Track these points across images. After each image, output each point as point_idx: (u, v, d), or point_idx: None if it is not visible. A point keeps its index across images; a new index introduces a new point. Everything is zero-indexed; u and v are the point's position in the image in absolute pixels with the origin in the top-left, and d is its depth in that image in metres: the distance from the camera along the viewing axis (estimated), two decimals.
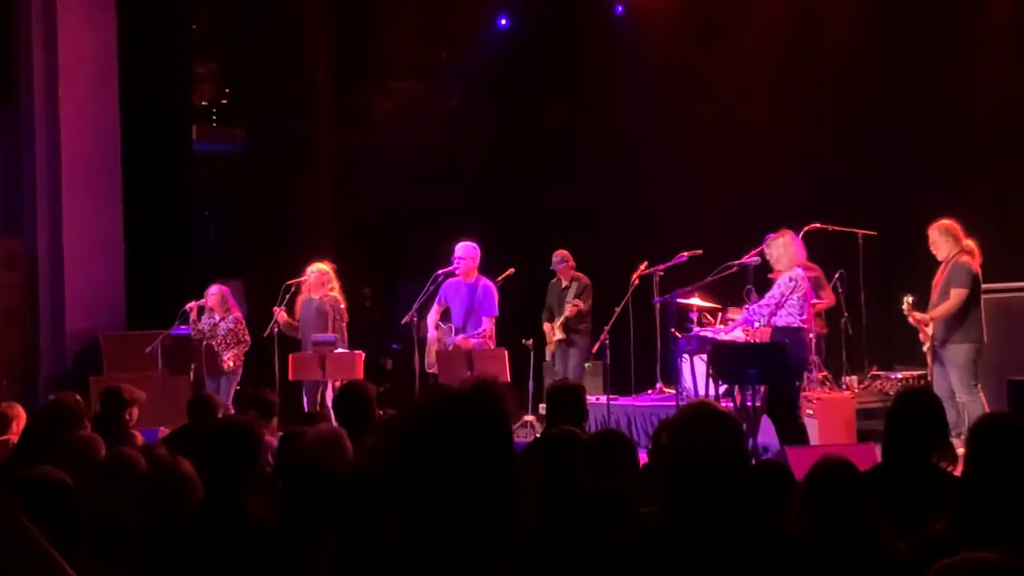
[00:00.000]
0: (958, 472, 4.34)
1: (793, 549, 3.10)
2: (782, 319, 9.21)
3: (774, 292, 9.21)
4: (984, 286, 10.49)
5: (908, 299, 9.73)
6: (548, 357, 12.43)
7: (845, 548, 3.51)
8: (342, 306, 11.04)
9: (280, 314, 11.00)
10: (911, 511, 3.99)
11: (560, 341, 11.90)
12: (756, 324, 9.51)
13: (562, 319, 11.81)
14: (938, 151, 12.95)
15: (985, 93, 12.50)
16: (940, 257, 9.65)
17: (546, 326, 12.02)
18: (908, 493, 4.17)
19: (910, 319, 9.72)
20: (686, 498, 3.10)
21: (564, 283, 12.06)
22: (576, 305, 11.71)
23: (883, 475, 4.34)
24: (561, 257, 12.11)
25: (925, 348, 9.76)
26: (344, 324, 11.01)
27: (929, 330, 9.62)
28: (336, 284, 11.13)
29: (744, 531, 3.05)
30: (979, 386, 9.58)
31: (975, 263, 9.54)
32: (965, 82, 12.68)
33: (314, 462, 4.64)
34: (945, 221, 9.68)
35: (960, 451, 4.13)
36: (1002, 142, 12.43)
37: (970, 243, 9.61)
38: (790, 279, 9.16)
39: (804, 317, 9.22)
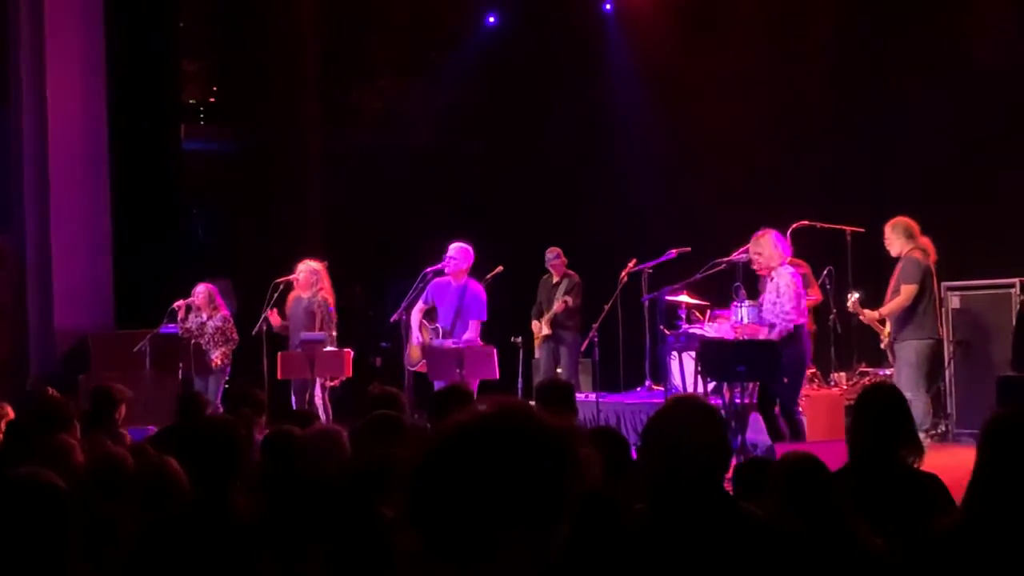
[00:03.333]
0: (921, 466, 4.33)
1: (777, 541, 3.10)
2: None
3: (785, 292, 9.00)
4: (967, 283, 10.52)
5: (851, 297, 9.66)
6: (537, 354, 12.42)
7: (817, 543, 3.51)
8: (331, 306, 11.02)
9: (273, 316, 10.98)
10: (882, 508, 3.99)
11: (547, 337, 11.90)
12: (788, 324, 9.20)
13: (551, 315, 11.81)
14: (927, 148, 12.96)
15: (974, 90, 12.52)
16: (893, 253, 9.65)
17: (535, 323, 12.03)
18: (877, 490, 4.14)
19: (861, 317, 9.69)
20: (668, 492, 3.10)
21: (555, 279, 12.09)
22: (565, 301, 11.72)
23: (851, 474, 4.29)
24: (555, 253, 12.17)
25: (883, 346, 9.77)
26: (333, 324, 10.98)
27: (887, 328, 9.63)
28: (326, 283, 11.10)
29: (728, 524, 3.05)
30: (935, 385, 9.56)
31: (927, 260, 9.52)
32: (954, 79, 12.69)
33: (310, 461, 4.63)
34: (900, 218, 9.68)
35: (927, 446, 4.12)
36: (991, 139, 12.44)
37: (924, 240, 9.60)
38: (792, 275, 9.05)
39: (800, 311, 9.15)
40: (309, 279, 10.98)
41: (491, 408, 1.94)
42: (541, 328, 11.93)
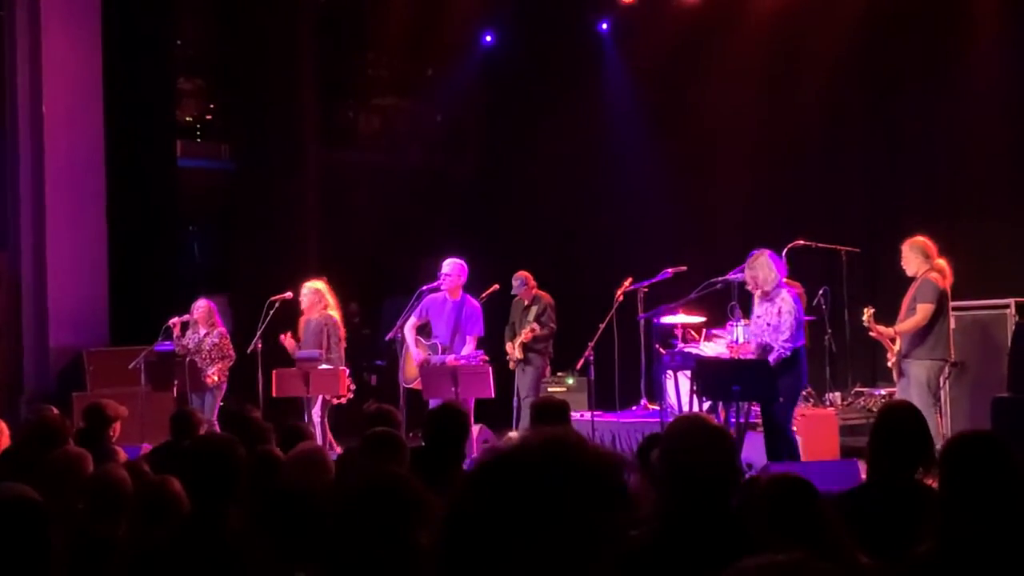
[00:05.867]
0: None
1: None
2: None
3: (787, 320, 8.91)
4: (962, 303, 10.52)
5: (868, 311, 9.70)
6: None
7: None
8: (338, 324, 11.00)
9: (287, 341, 10.96)
10: (898, 528, 3.99)
11: (519, 360, 11.80)
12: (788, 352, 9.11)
13: (519, 341, 11.70)
14: (923, 169, 13.01)
15: (971, 112, 12.56)
16: (910, 273, 9.65)
17: (508, 345, 11.95)
18: (894, 510, 4.15)
19: (872, 332, 9.70)
20: (677, 511, 3.07)
21: (526, 303, 11.95)
22: (532, 330, 11.59)
23: (869, 492, 4.31)
24: (522, 280, 11.93)
25: (890, 364, 9.77)
26: (341, 342, 10.97)
27: (896, 345, 9.63)
28: (331, 300, 11.08)
29: (737, 545, 3.03)
30: (938, 406, 9.57)
31: (944, 281, 9.54)
32: (951, 99, 12.74)
33: (294, 482, 4.63)
34: (918, 238, 9.69)
35: None
36: (987, 160, 12.49)
37: (941, 262, 9.60)
38: (794, 300, 9.03)
39: (797, 337, 9.11)
40: (312, 301, 10.97)
41: (535, 438, 1.83)
42: (514, 351, 11.82)
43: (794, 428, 9.83)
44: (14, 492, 3.45)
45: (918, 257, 9.60)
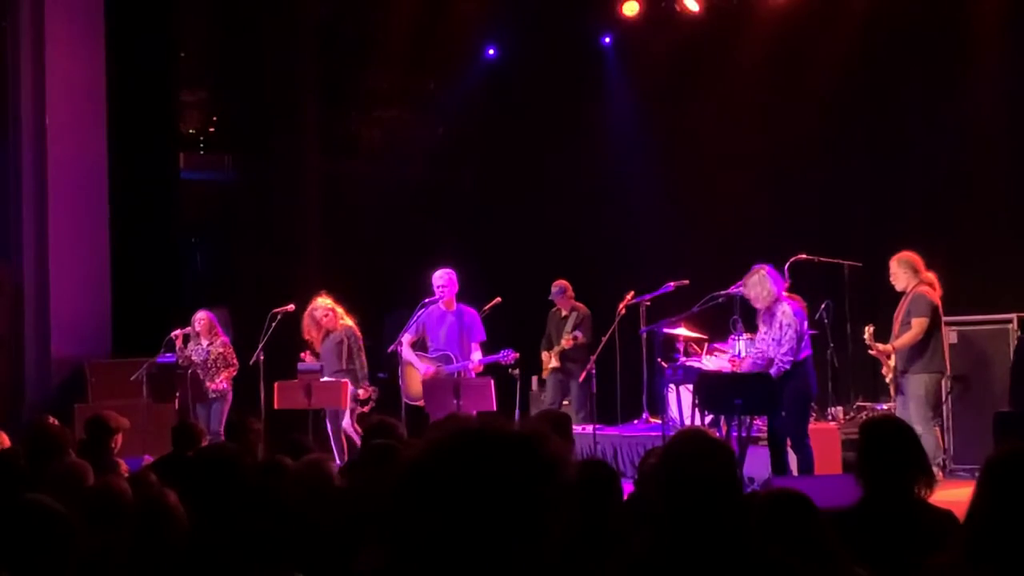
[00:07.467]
0: (931, 499, 4.28)
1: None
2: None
3: (788, 333, 8.92)
4: (964, 318, 10.53)
5: (869, 329, 9.73)
6: (534, 386, 12.36)
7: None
8: (356, 331, 11.06)
9: (308, 358, 11.00)
10: (896, 545, 3.97)
11: (555, 370, 11.87)
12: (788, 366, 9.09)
13: (559, 349, 11.78)
14: (925, 183, 13.01)
15: (973, 126, 12.58)
16: (899, 288, 9.68)
17: (544, 354, 12.01)
18: (892, 526, 4.11)
19: (872, 350, 9.71)
20: (676, 525, 3.07)
21: (564, 313, 12.08)
22: (574, 337, 11.69)
23: (862, 508, 4.24)
24: (560, 287, 12.12)
25: (888, 380, 9.77)
26: (362, 352, 11.00)
27: (892, 361, 9.62)
28: (340, 310, 11.13)
29: (737, 559, 3.02)
30: (937, 419, 9.56)
31: (935, 295, 9.55)
32: (954, 113, 12.76)
33: (298, 491, 4.62)
34: (905, 253, 9.71)
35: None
36: (989, 175, 12.50)
37: (930, 275, 9.62)
38: (795, 312, 9.02)
39: (800, 349, 9.10)
40: (332, 319, 11.01)
41: (443, 436, 1.88)
42: (550, 359, 11.91)
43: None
44: (43, 504, 3.43)
45: (907, 272, 9.63)
